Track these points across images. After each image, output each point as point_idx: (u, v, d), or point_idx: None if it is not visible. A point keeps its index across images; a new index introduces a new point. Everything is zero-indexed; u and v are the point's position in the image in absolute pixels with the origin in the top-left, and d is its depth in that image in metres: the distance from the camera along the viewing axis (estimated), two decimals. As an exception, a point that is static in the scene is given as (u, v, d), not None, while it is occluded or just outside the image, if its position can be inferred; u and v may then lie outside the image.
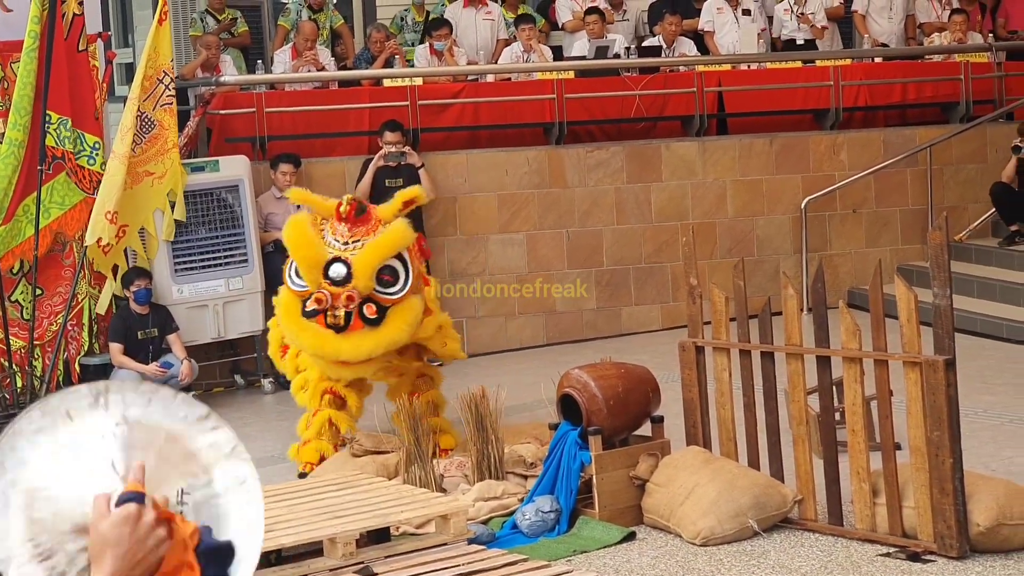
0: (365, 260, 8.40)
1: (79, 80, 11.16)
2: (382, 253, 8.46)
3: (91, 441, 2.17)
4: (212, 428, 2.24)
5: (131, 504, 2.09)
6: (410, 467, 8.08)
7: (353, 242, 8.48)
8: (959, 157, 14.37)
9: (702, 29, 14.92)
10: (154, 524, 2.11)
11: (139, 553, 2.09)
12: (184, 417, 2.23)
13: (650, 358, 10.01)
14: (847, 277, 13.94)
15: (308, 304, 8.41)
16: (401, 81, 13.32)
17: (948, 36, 14.93)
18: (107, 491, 2.12)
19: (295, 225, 8.59)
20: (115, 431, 2.18)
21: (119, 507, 2.10)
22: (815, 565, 6.98)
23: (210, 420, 2.25)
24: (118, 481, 2.14)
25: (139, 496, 2.11)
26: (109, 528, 2.09)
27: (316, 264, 8.42)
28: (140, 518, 2.09)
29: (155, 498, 2.13)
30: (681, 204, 13.57)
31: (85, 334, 11.41)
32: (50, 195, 11.08)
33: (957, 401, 6.99)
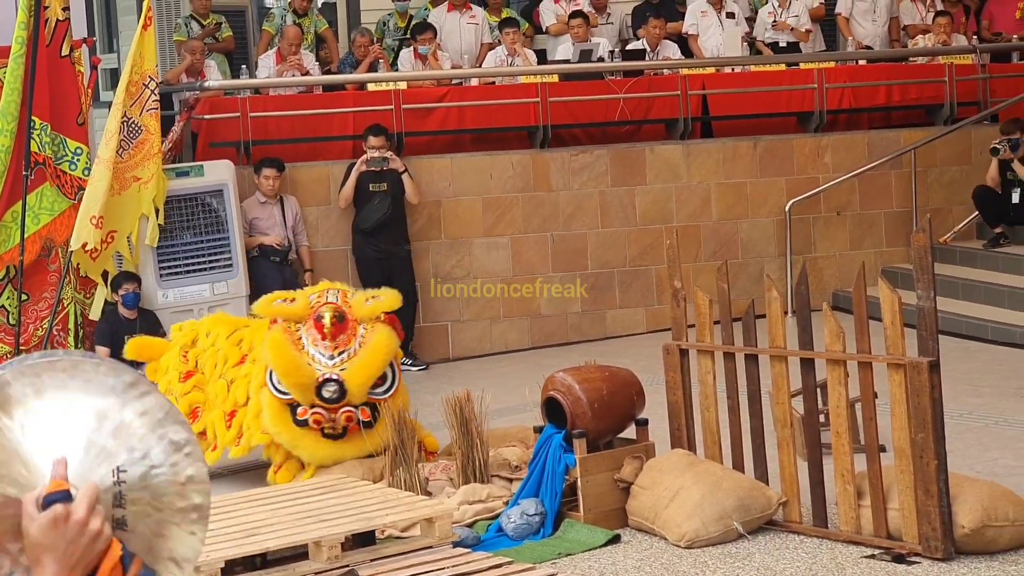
0: (359, 380, 8.40)
1: (60, 85, 11.14)
2: (374, 371, 8.48)
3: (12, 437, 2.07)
4: (142, 394, 2.12)
5: (56, 505, 2.01)
6: (395, 470, 8.08)
7: (339, 354, 8.45)
8: (943, 159, 14.40)
9: (686, 32, 14.94)
10: (84, 521, 2.02)
11: (75, 553, 2.03)
12: (111, 387, 2.11)
13: (634, 361, 10.02)
14: (831, 280, 13.96)
15: (300, 413, 8.44)
16: (385, 85, 13.32)
17: (932, 38, 14.97)
18: (35, 491, 2.04)
19: (276, 347, 8.46)
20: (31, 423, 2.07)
21: (45, 510, 2.02)
22: (800, 567, 6.99)
23: (139, 386, 2.13)
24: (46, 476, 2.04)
25: (64, 494, 2.02)
26: (39, 532, 2.02)
27: (308, 388, 8.40)
28: (68, 518, 2.02)
29: (84, 490, 2.03)
30: (665, 207, 13.59)
31: (71, 339, 11.39)
32: (39, 201, 11.07)
33: (941, 403, 7.00)
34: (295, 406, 8.47)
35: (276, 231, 12.21)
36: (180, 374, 9.23)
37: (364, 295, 8.79)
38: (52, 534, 2.02)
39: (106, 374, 2.12)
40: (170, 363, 9.35)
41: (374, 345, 8.50)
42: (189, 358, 9.26)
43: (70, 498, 2.03)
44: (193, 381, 9.21)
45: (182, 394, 9.15)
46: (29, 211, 11.05)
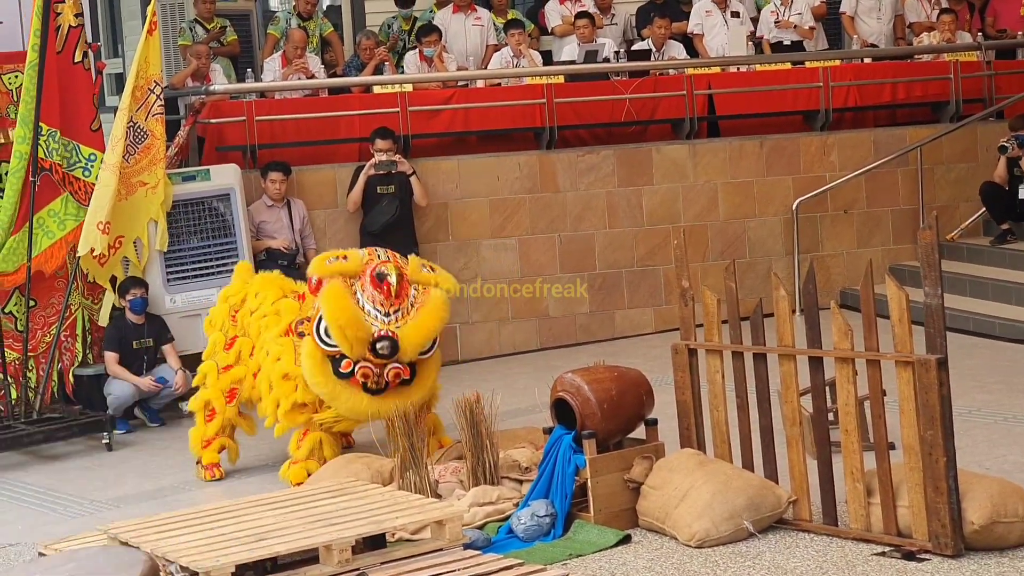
0: (413, 339, 8.59)
1: (73, 91, 11.14)
2: (429, 333, 8.66)
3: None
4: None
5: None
6: (405, 473, 8.08)
7: (394, 312, 8.58)
8: (950, 156, 14.40)
9: (691, 32, 14.94)
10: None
11: None
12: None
13: (643, 361, 10.03)
14: (839, 278, 13.96)
15: (344, 366, 8.58)
16: (391, 88, 13.33)
17: (937, 36, 14.96)
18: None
19: (337, 299, 8.55)
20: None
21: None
22: (810, 565, 6.99)
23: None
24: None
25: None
26: None
27: (363, 342, 8.53)
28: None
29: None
30: (672, 207, 13.59)
31: (79, 345, 11.42)
32: (65, 207, 11.10)
33: (950, 400, 7.00)
34: (337, 358, 8.58)
35: (283, 234, 12.23)
36: (226, 338, 9.38)
37: (418, 261, 8.88)
38: None
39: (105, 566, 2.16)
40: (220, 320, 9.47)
41: (430, 308, 8.66)
42: (238, 320, 9.39)
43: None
44: (235, 350, 9.29)
45: (223, 367, 9.29)
46: (54, 216, 11.08)
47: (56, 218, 11.09)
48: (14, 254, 10.91)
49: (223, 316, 9.49)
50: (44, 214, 11.05)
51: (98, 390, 11.17)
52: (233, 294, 9.56)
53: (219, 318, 9.52)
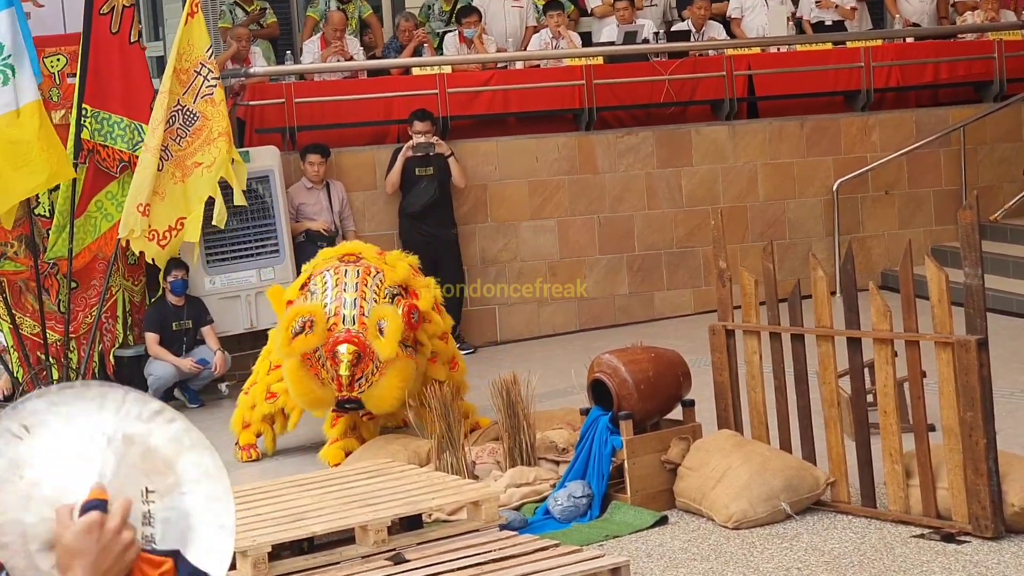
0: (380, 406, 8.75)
1: (132, 72, 11.14)
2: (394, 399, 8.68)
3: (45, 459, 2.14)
4: (168, 421, 2.21)
5: (94, 512, 2.09)
6: (442, 454, 8.08)
7: (356, 381, 8.61)
8: (993, 136, 14.28)
9: (730, 16, 14.86)
10: (118, 530, 2.09)
11: (106, 561, 2.09)
12: (138, 415, 2.20)
13: (682, 342, 10.00)
14: (880, 259, 13.87)
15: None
16: (430, 70, 13.31)
17: (981, 14, 14.83)
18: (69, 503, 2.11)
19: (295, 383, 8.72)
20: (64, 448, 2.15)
21: (82, 516, 2.09)
22: (848, 547, 6.96)
23: (165, 414, 2.22)
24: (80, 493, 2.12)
25: (101, 503, 2.10)
26: (74, 538, 2.08)
27: (329, 406, 8.82)
28: (103, 525, 2.08)
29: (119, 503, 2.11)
30: (712, 188, 13.54)
31: (119, 326, 11.47)
32: (122, 189, 11.12)
33: (990, 381, 6.95)
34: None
35: (323, 216, 12.24)
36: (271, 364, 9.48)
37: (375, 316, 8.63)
38: (86, 540, 2.09)
39: (133, 403, 2.21)
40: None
41: (392, 377, 8.61)
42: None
43: (106, 508, 2.11)
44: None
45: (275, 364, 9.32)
46: (112, 199, 11.09)
47: (114, 200, 11.10)
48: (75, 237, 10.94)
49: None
50: (103, 196, 11.07)
51: (138, 371, 11.22)
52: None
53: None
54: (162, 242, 10.98)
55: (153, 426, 2.20)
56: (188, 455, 2.21)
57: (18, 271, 11.07)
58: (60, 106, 11.21)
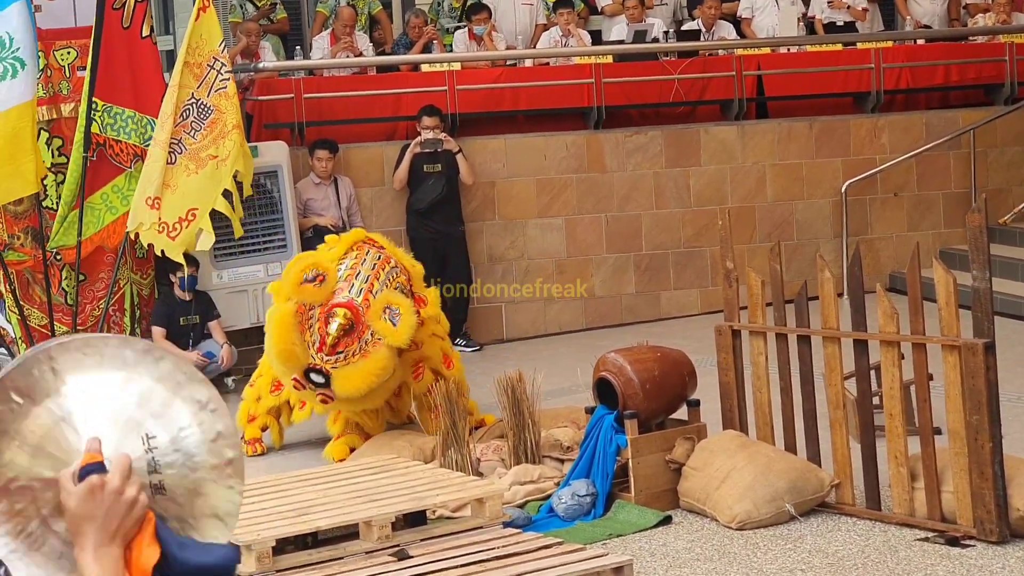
0: (346, 387, 8.44)
1: (143, 67, 11.15)
2: (363, 387, 8.46)
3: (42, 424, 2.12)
4: (157, 360, 2.16)
5: (92, 476, 2.07)
6: (446, 451, 8.08)
7: (337, 353, 8.46)
8: (1003, 139, 14.25)
9: (740, 16, 14.85)
10: (120, 490, 2.08)
11: (114, 521, 2.08)
12: (125, 359, 2.16)
13: (688, 342, 9.98)
14: (888, 261, 13.85)
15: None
16: (440, 66, 13.31)
17: (992, 17, 14.81)
18: (70, 467, 2.09)
19: (278, 325, 8.54)
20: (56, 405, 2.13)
21: (80, 482, 2.08)
22: (852, 549, 6.95)
23: (152, 352, 2.17)
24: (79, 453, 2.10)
25: (99, 466, 2.08)
26: (77, 504, 2.08)
27: (295, 370, 8.55)
28: (104, 487, 2.07)
29: (116, 461, 2.09)
30: (720, 188, 13.52)
31: (127, 319, 11.48)
32: (129, 183, 11.12)
33: (997, 385, 6.94)
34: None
35: (330, 212, 12.24)
36: None
37: (384, 302, 8.62)
38: (90, 504, 2.08)
39: (118, 347, 2.17)
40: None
41: (371, 361, 8.44)
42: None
43: (104, 469, 2.09)
44: None
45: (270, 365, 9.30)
46: (118, 192, 11.09)
47: (119, 193, 11.11)
48: (73, 227, 10.96)
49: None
50: (108, 190, 11.07)
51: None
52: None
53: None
54: (172, 233, 10.97)
55: (144, 367, 2.16)
56: (183, 391, 2.17)
57: (21, 260, 11.07)
58: (70, 99, 11.21)
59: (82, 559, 2.09)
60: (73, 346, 2.15)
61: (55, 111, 11.21)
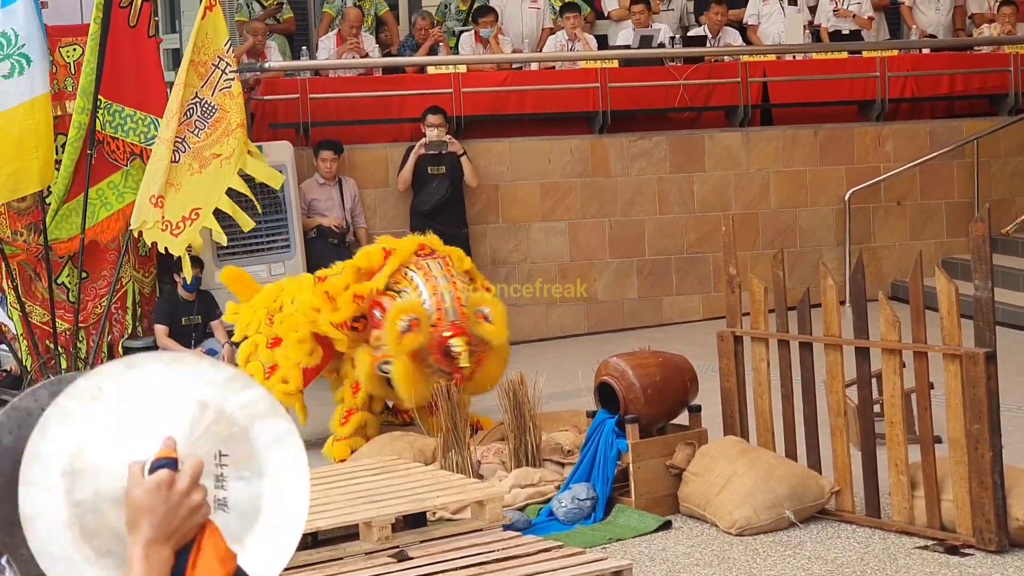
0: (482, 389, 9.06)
1: (148, 66, 11.16)
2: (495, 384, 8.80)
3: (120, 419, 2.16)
4: (243, 387, 2.20)
5: (164, 470, 2.08)
6: (447, 453, 8.09)
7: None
8: (1007, 150, 14.26)
9: (746, 22, 14.86)
10: (188, 491, 2.09)
11: (174, 521, 2.08)
12: (211, 379, 2.19)
13: (690, 348, 9.99)
14: (891, 270, 13.86)
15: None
16: (445, 69, 13.32)
17: (998, 27, 14.82)
18: (141, 460, 2.11)
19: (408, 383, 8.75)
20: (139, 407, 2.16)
21: (152, 474, 2.09)
22: (852, 556, 6.96)
23: (239, 380, 2.21)
24: (151, 450, 2.12)
25: (172, 462, 2.10)
26: (143, 495, 2.08)
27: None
28: (173, 484, 2.08)
29: (190, 462, 2.11)
30: (724, 194, 13.53)
31: (129, 317, 11.49)
32: (125, 180, 11.14)
33: (997, 394, 6.94)
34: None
35: (334, 213, 12.25)
36: (268, 339, 9.38)
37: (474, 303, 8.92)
38: (155, 498, 2.08)
39: (208, 368, 2.21)
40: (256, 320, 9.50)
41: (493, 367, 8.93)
42: (275, 322, 9.39)
43: (176, 466, 2.10)
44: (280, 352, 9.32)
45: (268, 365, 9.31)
46: (114, 189, 11.12)
47: (115, 190, 11.13)
48: (66, 222, 10.97)
49: (260, 320, 9.48)
50: (104, 186, 11.09)
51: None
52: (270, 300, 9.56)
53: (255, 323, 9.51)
54: (175, 232, 10.98)
55: (228, 392, 2.19)
56: (262, 422, 2.20)
57: (14, 254, 11.07)
58: (74, 96, 11.23)
59: (133, 551, 2.09)
60: (165, 359, 2.20)
61: (60, 108, 11.22)
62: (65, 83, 11.32)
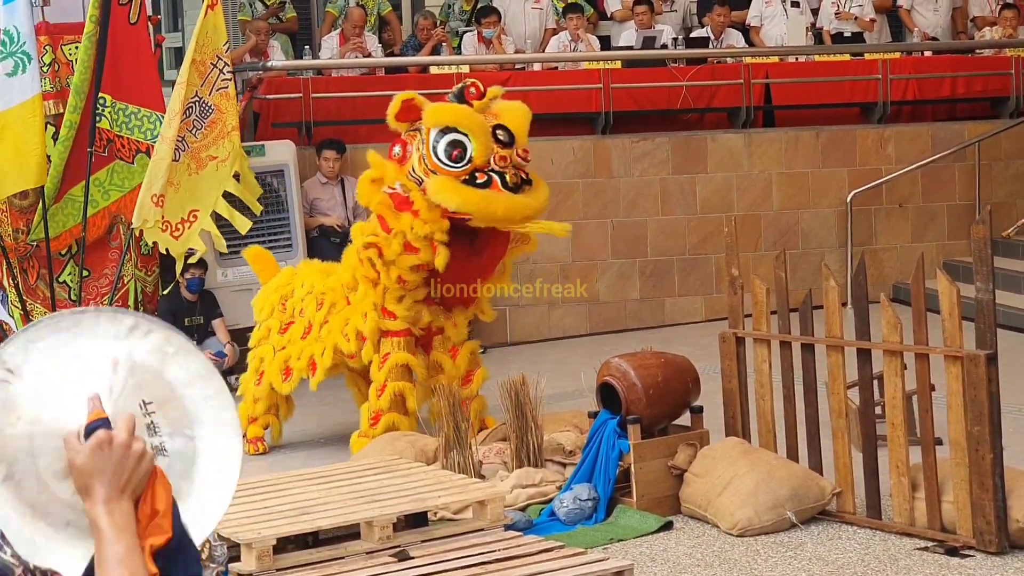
0: (518, 121, 8.89)
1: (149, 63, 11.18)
2: (526, 115, 8.98)
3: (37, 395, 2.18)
4: (146, 334, 2.23)
5: (99, 431, 2.12)
6: (449, 453, 8.10)
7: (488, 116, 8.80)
8: (1008, 152, 14.26)
9: (749, 24, 14.86)
10: (128, 443, 2.13)
11: (124, 473, 2.13)
12: (115, 335, 2.22)
13: (692, 349, 10.00)
14: (892, 272, 13.86)
15: (479, 178, 8.64)
16: (448, 69, 13.33)
17: (999, 30, 14.83)
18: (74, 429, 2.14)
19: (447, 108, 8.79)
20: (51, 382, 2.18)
21: (88, 438, 2.12)
22: (852, 558, 6.97)
23: (140, 327, 2.23)
24: (80, 416, 2.15)
25: (104, 422, 2.13)
26: (86, 460, 2.12)
27: (487, 130, 8.67)
28: (112, 441, 2.12)
29: (122, 417, 2.14)
30: (726, 196, 13.54)
31: (131, 316, 11.48)
32: (111, 177, 11.14)
33: (998, 396, 6.96)
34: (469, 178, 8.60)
35: (336, 212, 12.26)
36: (281, 324, 9.39)
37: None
38: (98, 459, 2.12)
39: (108, 323, 2.23)
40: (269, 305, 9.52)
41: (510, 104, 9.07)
42: (288, 307, 9.41)
43: (109, 425, 2.14)
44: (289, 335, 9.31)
45: (279, 347, 9.31)
46: (99, 186, 11.13)
47: (101, 188, 11.13)
48: (53, 221, 10.97)
49: (273, 304, 9.50)
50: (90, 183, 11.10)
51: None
52: (283, 284, 9.57)
53: (268, 307, 9.53)
54: (175, 233, 10.99)
55: (133, 341, 2.22)
56: (174, 361, 2.23)
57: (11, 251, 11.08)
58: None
59: (93, 512, 2.13)
60: (63, 325, 2.21)
61: (62, 105, 11.23)
62: (68, 81, 11.32)
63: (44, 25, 11.13)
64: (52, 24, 11.21)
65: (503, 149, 8.64)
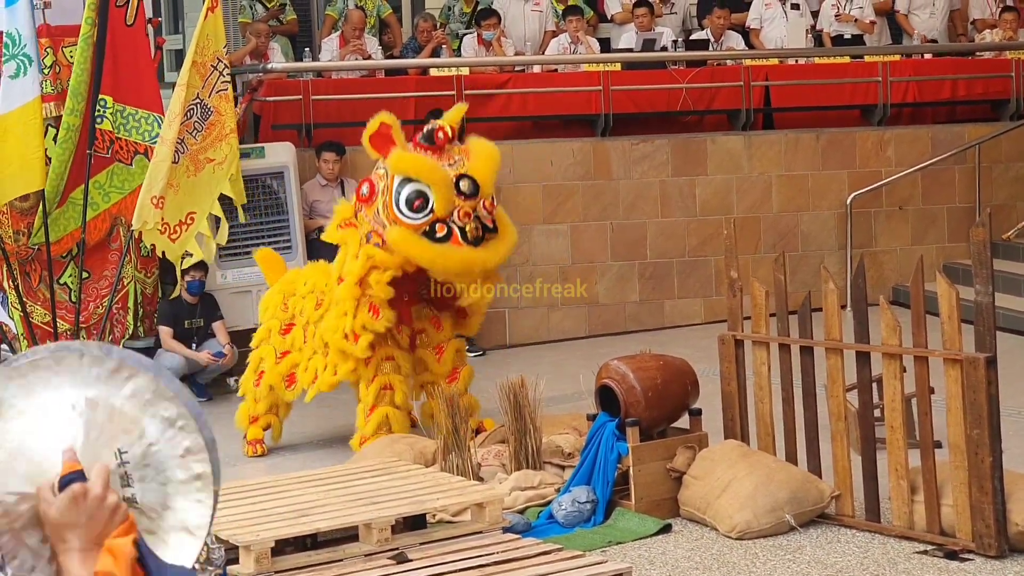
0: (485, 172, 8.74)
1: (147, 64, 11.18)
2: (494, 163, 8.83)
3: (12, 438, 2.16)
4: (127, 378, 2.21)
5: (74, 484, 2.12)
6: (447, 455, 8.10)
7: (456, 159, 8.74)
8: (1008, 155, 14.26)
9: (749, 26, 14.87)
10: (102, 497, 2.13)
11: (97, 527, 2.13)
12: (97, 376, 2.20)
13: (691, 351, 9.99)
14: (892, 274, 13.86)
15: (439, 230, 8.64)
16: (448, 71, 13.33)
17: (999, 33, 14.83)
18: (48, 479, 2.13)
19: (404, 158, 8.75)
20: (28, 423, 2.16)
21: (62, 491, 2.12)
22: (851, 561, 6.96)
23: (123, 371, 2.21)
24: (55, 465, 2.14)
25: (79, 475, 2.13)
26: (60, 514, 2.12)
27: (449, 184, 8.62)
28: (86, 494, 2.12)
29: (96, 469, 2.14)
30: (726, 198, 13.53)
31: (130, 318, 11.49)
32: (110, 179, 11.15)
33: (998, 399, 6.95)
34: (429, 230, 8.61)
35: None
36: (281, 324, 9.39)
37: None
38: (73, 512, 2.13)
39: (90, 364, 2.21)
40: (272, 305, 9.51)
41: (481, 146, 8.89)
42: (289, 307, 9.41)
43: (84, 478, 2.14)
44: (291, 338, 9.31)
45: (280, 349, 9.31)
46: (99, 189, 11.13)
47: (100, 190, 11.14)
48: (55, 225, 10.98)
49: (275, 305, 9.52)
50: (89, 185, 11.11)
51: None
52: (287, 284, 9.58)
53: (271, 308, 9.54)
54: (173, 236, 10.99)
55: (112, 386, 2.21)
56: (151, 409, 2.22)
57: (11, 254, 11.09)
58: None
59: (67, 561, 2.14)
60: (44, 364, 2.20)
61: (63, 107, 11.23)
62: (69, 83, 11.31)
63: (45, 27, 11.13)
64: (53, 26, 11.21)
65: (466, 201, 8.61)
